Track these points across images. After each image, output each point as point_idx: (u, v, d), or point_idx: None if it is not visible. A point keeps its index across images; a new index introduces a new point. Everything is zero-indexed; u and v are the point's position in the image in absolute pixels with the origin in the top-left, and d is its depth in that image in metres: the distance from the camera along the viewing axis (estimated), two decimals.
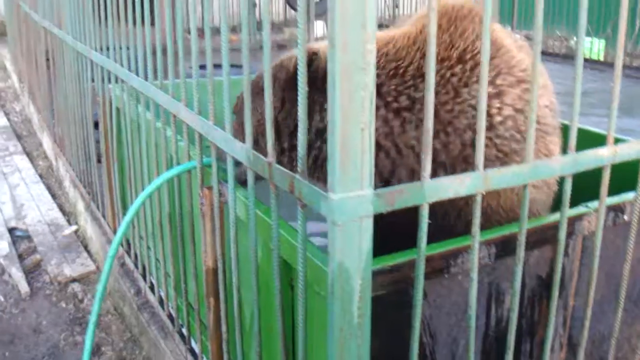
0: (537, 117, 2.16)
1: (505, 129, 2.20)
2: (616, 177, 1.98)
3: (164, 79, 2.79)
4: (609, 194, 1.97)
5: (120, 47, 3.50)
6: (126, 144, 3.64)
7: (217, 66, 2.15)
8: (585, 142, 2.09)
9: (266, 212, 2.07)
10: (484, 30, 1.58)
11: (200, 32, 2.18)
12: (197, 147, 2.39)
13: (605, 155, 1.86)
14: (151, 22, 2.92)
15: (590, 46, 13.15)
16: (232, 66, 2.07)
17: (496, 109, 2.19)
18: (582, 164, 1.82)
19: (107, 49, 3.79)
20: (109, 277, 2.60)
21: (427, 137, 1.53)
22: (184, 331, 3.08)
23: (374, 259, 1.57)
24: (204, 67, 2.22)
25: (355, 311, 1.51)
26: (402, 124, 2.21)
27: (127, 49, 3.35)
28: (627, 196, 2.20)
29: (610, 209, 2.16)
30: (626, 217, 2.21)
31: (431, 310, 1.87)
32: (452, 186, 1.60)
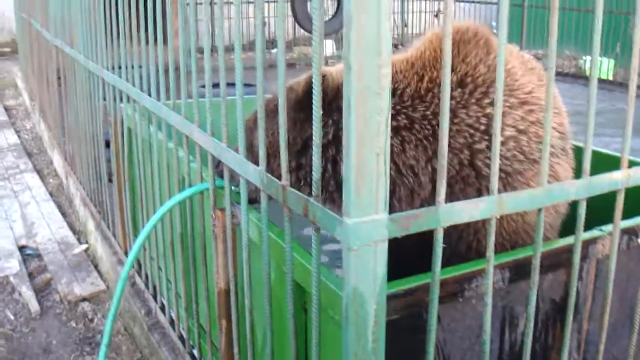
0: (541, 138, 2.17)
1: (507, 149, 2.22)
2: (630, 199, 1.97)
3: (176, 98, 2.80)
4: (622, 217, 1.97)
5: (132, 66, 3.51)
6: (137, 163, 3.64)
7: (228, 85, 2.16)
8: (597, 164, 2.08)
9: (279, 234, 2.07)
10: (499, 58, 1.59)
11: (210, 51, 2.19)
12: (209, 169, 2.39)
13: (619, 179, 1.86)
14: (163, 41, 2.93)
15: (599, 65, 13.13)
16: (246, 85, 2.08)
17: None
18: (596, 187, 1.81)
19: (119, 67, 3.81)
20: (120, 299, 2.60)
21: (442, 161, 1.53)
22: (195, 353, 3.06)
23: (388, 282, 1.57)
24: (216, 85, 2.24)
25: (369, 336, 1.51)
26: (401, 143, 2.24)
27: (140, 67, 3.36)
28: None
29: (624, 232, 2.15)
30: None
31: (445, 334, 1.86)
32: (467, 210, 1.60)
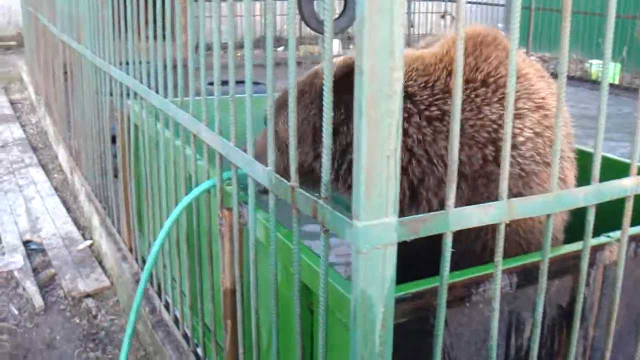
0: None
1: (526, 149, 2.28)
2: (638, 206, 1.97)
3: (184, 96, 2.79)
4: (631, 223, 1.96)
5: (140, 62, 3.51)
6: (144, 160, 3.64)
7: (237, 83, 2.16)
8: (605, 170, 2.08)
9: (287, 235, 2.07)
10: (511, 61, 1.58)
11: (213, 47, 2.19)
12: (217, 168, 2.39)
13: (629, 185, 1.85)
14: (172, 37, 2.93)
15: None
16: (254, 83, 2.08)
17: (518, 130, 2.28)
18: (606, 194, 1.81)
19: (127, 63, 3.80)
20: (139, 310, 2.61)
21: (453, 166, 1.53)
22: (199, 351, 3.06)
23: (396, 286, 1.57)
24: (224, 83, 2.23)
25: (377, 339, 1.50)
26: (433, 133, 2.28)
27: (147, 63, 3.36)
28: None
29: (632, 239, 2.14)
30: None
31: (451, 338, 1.86)
32: (476, 215, 1.59)
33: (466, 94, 2.28)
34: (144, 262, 3.99)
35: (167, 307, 3.58)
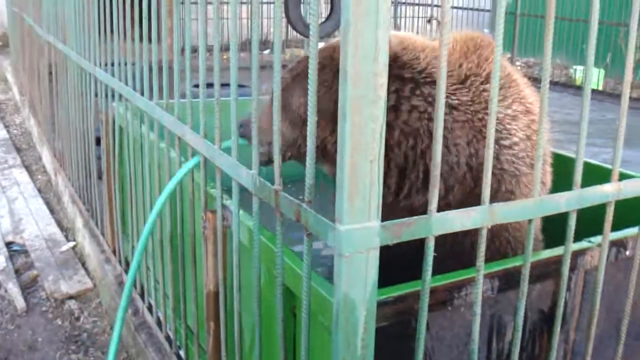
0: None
1: (519, 149, 2.34)
2: (618, 211, 1.99)
3: (169, 98, 2.79)
4: (612, 228, 1.98)
5: (125, 64, 3.50)
6: (128, 162, 3.64)
7: (223, 85, 2.17)
8: (587, 175, 2.10)
9: (270, 238, 2.08)
10: (495, 64, 1.60)
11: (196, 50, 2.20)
12: (201, 170, 2.39)
13: (610, 191, 1.87)
14: (157, 39, 2.93)
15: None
16: (239, 86, 2.09)
17: (513, 130, 2.34)
18: (587, 200, 1.83)
19: (112, 65, 3.79)
20: (125, 313, 2.61)
21: (435, 170, 1.54)
22: (182, 354, 3.06)
23: (378, 289, 1.57)
24: (209, 85, 2.23)
25: (359, 342, 1.51)
26: (453, 121, 2.32)
27: (133, 64, 3.35)
28: (630, 232, 2.21)
29: (612, 244, 2.16)
30: (628, 253, 2.22)
31: (433, 342, 1.87)
32: (459, 219, 1.61)
33: (475, 86, 2.34)
34: (128, 264, 3.98)
35: (150, 309, 3.57)
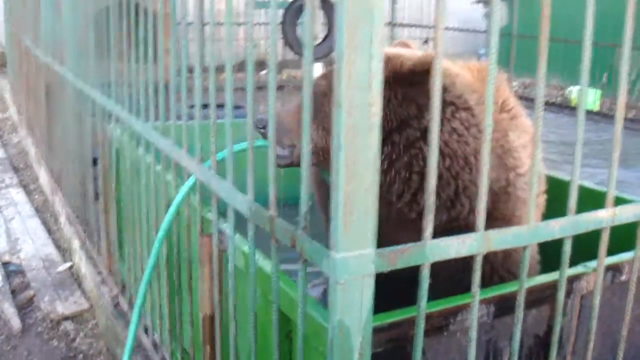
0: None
1: (527, 178, 2.42)
2: (614, 235, 1.99)
3: (166, 119, 2.80)
4: (607, 253, 1.99)
5: (121, 84, 3.52)
6: (125, 185, 3.64)
7: (219, 106, 2.17)
8: (582, 199, 2.11)
9: (266, 263, 2.08)
10: (488, 87, 1.61)
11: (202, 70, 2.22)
12: (197, 195, 2.39)
13: (604, 217, 1.88)
14: (154, 60, 2.94)
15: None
16: (236, 107, 2.10)
17: (524, 158, 2.46)
18: (582, 226, 1.83)
19: (109, 85, 3.80)
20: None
21: (430, 199, 1.54)
22: None
23: (374, 316, 1.58)
24: (205, 106, 2.24)
25: None
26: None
27: (129, 86, 3.36)
28: (626, 256, 2.21)
29: (608, 269, 2.17)
30: (624, 277, 2.22)
31: None
32: (454, 246, 1.61)
33: (493, 116, 2.36)
34: (124, 285, 3.97)
35: (146, 331, 3.56)
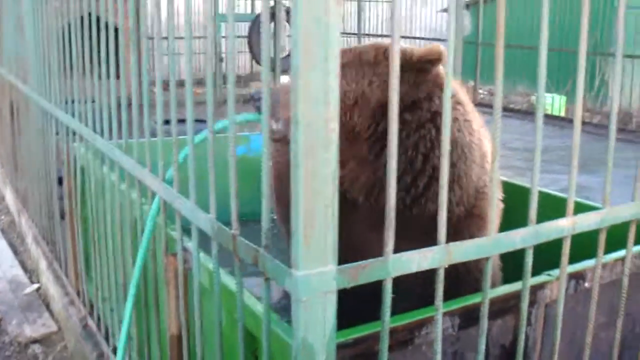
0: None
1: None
2: (576, 242, 2.01)
3: (129, 136, 2.77)
4: (570, 260, 2.00)
5: (85, 101, 3.49)
6: (90, 203, 3.61)
7: (181, 121, 2.16)
8: (544, 206, 2.13)
9: (231, 281, 2.07)
10: (446, 93, 1.62)
11: (165, 85, 2.21)
12: (161, 214, 2.38)
13: (565, 226, 1.89)
14: (116, 76, 2.93)
15: (551, 102, 13.40)
16: (197, 121, 2.09)
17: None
18: (543, 235, 1.84)
19: (72, 102, 3.76)
20: None
21: (390, 213, 1.55)
22: None
23: (338, 332, 1.57)
24: (168, 122, 2.23)
25: None
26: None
27: (92, 102, 3.34)
28: (588, 263, 2.23)
29: (571, 276, 2.19)
30: (587, 284, 2.24)
31: None
32: (416, 260, 1.61)
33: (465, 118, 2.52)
34: (92, 306, 3.93)
35: (114, 351, 3.52)
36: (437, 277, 1.67)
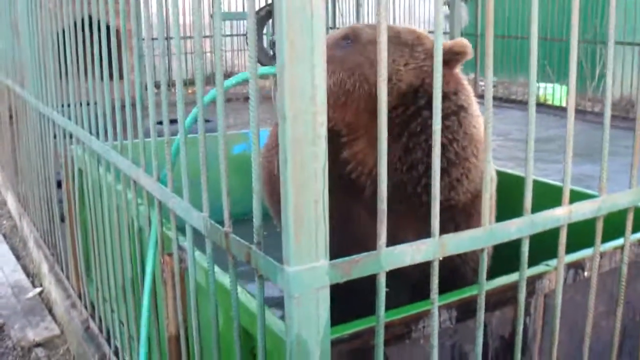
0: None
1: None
2: (574, 231, 1.99)
3: (124, 138, 2.77)
4: (569, 249, 1.99)
5: (80, 104, 3.48)
6: (89, 205, 3.60)
7: (174, 122, 2.15)
8: (540, 196, 2.12)
9: (226, 278, 2.06)
10: (435, 83, 1.60)
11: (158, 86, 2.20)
12: (157, 214, 2.37)
13: (561, 215, 1.88)
14: (110, 77, 2.91)
15: (552, 92, 13.36)
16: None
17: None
18: (539, 225, 1.83)
19: (69, 105, 3.76)
20: None
21: (382, 205, 1.53)
22: None
23: (333, 327, 1.56)
24: (170, 121, 2.22)
25: None
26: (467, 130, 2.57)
27: (87, 104, 3.33)
28: (586, 253, 2.22)
29: (570, 266, 2.17)
30: (586, 274, 2.22)
31: None
32: (409, 253, 1.60)
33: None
34: (93, 308, 3.92)
35: (116, 353, 3.51)
36: (432, 270, 1.65)
